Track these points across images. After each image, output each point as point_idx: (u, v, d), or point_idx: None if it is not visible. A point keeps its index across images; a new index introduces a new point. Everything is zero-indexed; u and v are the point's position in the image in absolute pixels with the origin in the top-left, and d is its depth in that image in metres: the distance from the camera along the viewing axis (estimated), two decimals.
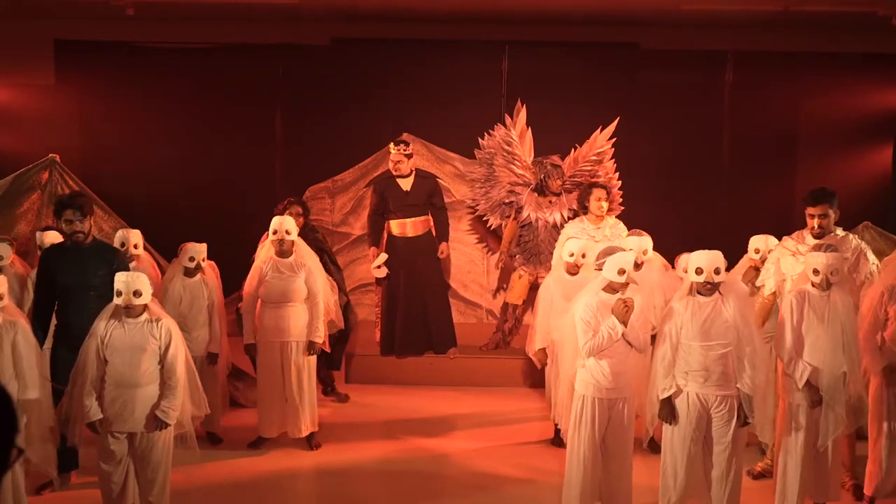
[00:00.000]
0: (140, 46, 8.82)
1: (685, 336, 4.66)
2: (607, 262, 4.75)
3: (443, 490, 5.52)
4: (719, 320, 4.62)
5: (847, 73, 8.75)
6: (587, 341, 4.66)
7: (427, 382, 7.47)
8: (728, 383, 4.64)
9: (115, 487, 4.70)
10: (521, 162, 7.74)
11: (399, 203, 7.47)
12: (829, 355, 4.76)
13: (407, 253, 7.50)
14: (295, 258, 6.04)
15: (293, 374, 5.99)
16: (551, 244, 7.48)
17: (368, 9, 8.40)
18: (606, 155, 7.65)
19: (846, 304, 4.80)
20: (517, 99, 7.95)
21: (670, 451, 4.77)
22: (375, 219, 7.62)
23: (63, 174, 7.64)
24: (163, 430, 4.66)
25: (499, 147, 7.80)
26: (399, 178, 7.46)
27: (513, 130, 7.77)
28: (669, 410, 4.72)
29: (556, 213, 7.46)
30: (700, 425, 4.69)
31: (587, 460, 4.76)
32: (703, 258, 4.66)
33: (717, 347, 4.61)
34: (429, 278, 7.60)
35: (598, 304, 4.72)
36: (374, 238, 7.62)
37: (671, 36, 8.71)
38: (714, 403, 4.67)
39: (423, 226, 7.59)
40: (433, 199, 7.60)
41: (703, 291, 4.67)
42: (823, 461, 4.92)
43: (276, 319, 6.00)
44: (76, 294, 5.15)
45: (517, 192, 7.68)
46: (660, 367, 4.72)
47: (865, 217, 7.29)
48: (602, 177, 7.58)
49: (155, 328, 4.61)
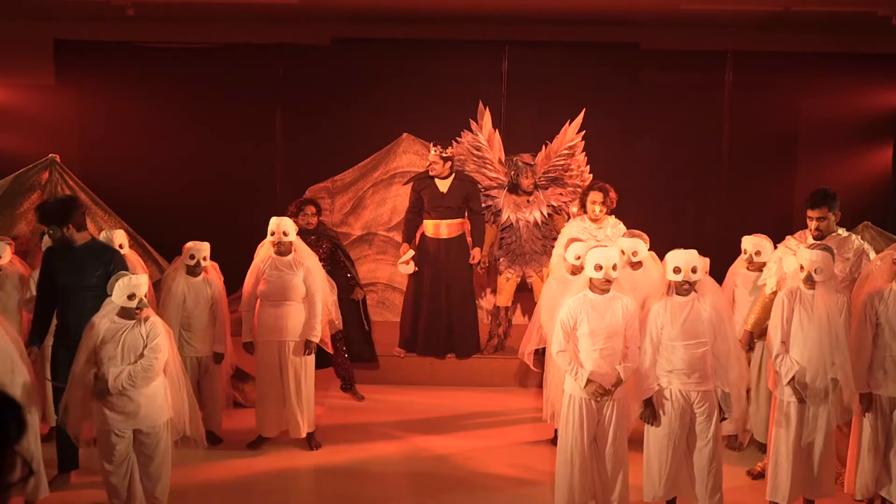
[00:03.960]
0: (140, 46, 8.82)
1: (667, 336, 4.71)
2: (587, 258, 4.78)
3: (442, 490, 5.52)
4: (698, 319, 4.68)
5: (847, 73, 8.75)
6: (559, 350, 4.77)
7: (427, 382, 7.48)
8: (708, 379, 4.71)
9: (120, 487, 4.71)
10: (492, 165, 7.74)
11: (434, 203, 7.41)
12: (815, 353, 4.78)
13: (437, 254, 7.45)
14: (293, 257, 6.05)
15: (290, 374, 6.00)
16: (535, 243, 7.50)
17: (368, 9, 8.40)
18: (577, 148, 7.67)
19: (833, 304, 4.80)
20: (517, 99, 7.96)
21: (655, 447, 4.81)
22: (411, 217, 7.57)
23: (63, 174, 7.64)
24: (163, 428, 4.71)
25: (468, 153, 7.79)
26: (438, 178, 7.44)
27: (480, 135, 7.75)
28: (650, 412, 4.77)
29: (535, 211, 7.48)
30: (684, 421, 4.75)
31: (575, 460, 4.78)
32: (681, 257, 4.70)
33: (698, 346, 4.67)
34: (456, 282, 7.50)
35: (583, 304, 4.75)
36: (407, 235, 7.56)
37: (671, 36, 8.72)
38: (696, 399, 4.72)
39: (457, 228, 7.52)
40: (471, 204, 7.49)
41: (681, 291, 4.72)
42: (813, 457, 4.93)
43: (274, 318, 6.00)
44: (74, 294, 5.15)
45: (493, 195, 7.69)
46: (641, 368, 4.76)
47: (865, 217, 7.28)
48: (575, 170, 7.61)
49: (143, 327, 4.64)
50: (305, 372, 6.06)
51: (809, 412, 4.85)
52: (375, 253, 8.64)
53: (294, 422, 6.02)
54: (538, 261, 7.53)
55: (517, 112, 7.96)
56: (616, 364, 4.74)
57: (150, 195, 8.63)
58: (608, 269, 4.71)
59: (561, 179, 7.68)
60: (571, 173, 7.66)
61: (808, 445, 4.89)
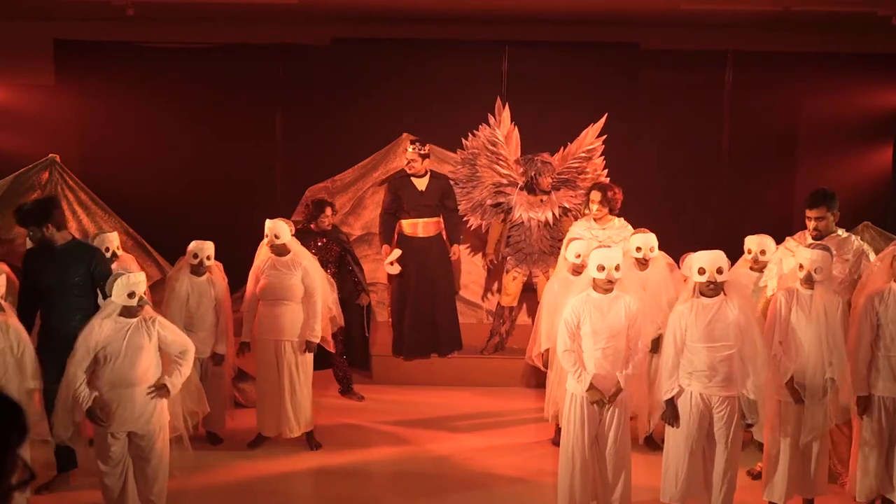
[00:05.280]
0: (140, 46, 8.82)
1: (690, 338, 4.66)
2: (590, 258, 4.77)
3: (443, 490, 5.52)
4: (724, 322, 4.62)
5: (847, 73, 8.74)
6: (565, 349, 4.75)
7: (427, 382, 7.48)
8: (731, 384, 4.65)
9: (114, 488, 4.71)
10: (507, 162, 7.73)
11: (414, 203, 7.44)
12: (813, 354, 4.77)
13: (418, 253, 7.47)
14: (292, 257, 6.05)
15: (285, 374, 6.00)
16: (544, 243, 7.49)
17: (368, 9, 8.41)
18: (596, 152, 7.65)
19: (830, 304, 4.78)
20: (517, 99, 7.95)
21: (673, 449, 4.78)
22: (387, 218, 7.59)
23: (63, 174, 7.64)
24: (160, 430, 4.70)
25: (483, 147, 7.78)
26: (414, 177, 7.44)
27: (498, 130, 7.75)
28: (672, 412, 4.73)
29: (547, 211, 7.46)
30: (703, 424, 4.71)
31: (576, 459, 4.78)
32: (705, 258, 4.66)
33: (722, 349, 4.61)
34: (438, 280, 7.57)
35: (586, 303, 4.74)
36: (385, 236, 7.59)
37: (671, 36, 8.72)
38: (716, 403, 4.68)
39: (434, 227, 7.57)
40: (445, 201, 7.57)
41: (707, 292, 4.66)
42: (809, 457, 4.93)
43: (273, 318, 6.01)
44: (57, 295, 5.15)
45: (506, 192, 7.67)
46: (664, 369, 4.73)
47: (865, 217, 7.28)
48: (591, 173, 7.60)
49: (151, 327, 4.64)
50: (301, 372, 6.05)
51: (806, 412, 4.84)
52: (375, 253, 8.61)
53: (287, 422, 6.01)
54: (546, 261, 7.51)
55: (517, 112, 7.95)
56: (618, 364, 4.73)
57: (150, 195, 8.62)
58: (611, 270, 4.70)
59: (573, 182, 7.63)
60: (586, 176, 7.60)
61: (805, 445, 4.88)
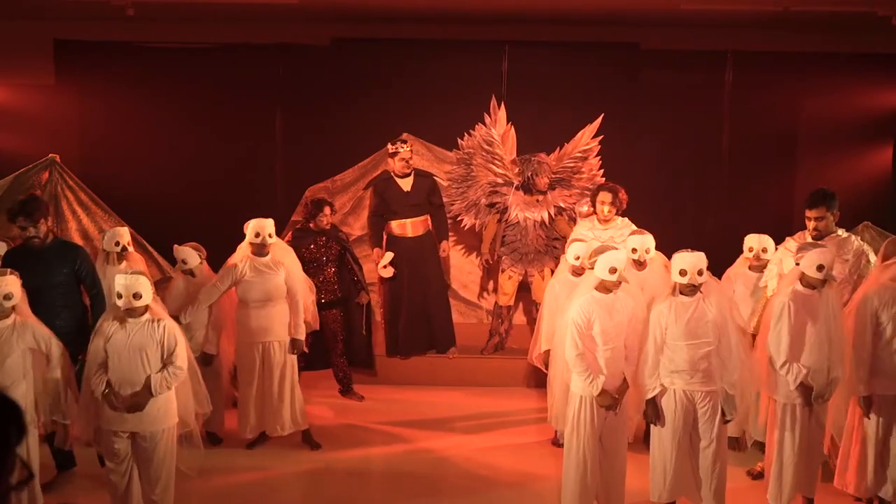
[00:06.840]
0: (140, 46, 8.81)
1: (671, 336, 4.71)
2: (598, 261, 4.78)
3: (442, 490, 5.52)
4: (703, 320, 4.67)
5: (847, 73, 8.73)
6: (578, 353, 4.72)
7: (427, 382, 7.49)
8: (711, 379, 4.70)
9: (119, 485, 4.73)
10: (502, 161, 7.73)
11: (401, 203, 7.47)
12: (821, 354, 4.77)
13: (409, 253, 7.50)
14: (272, 257, 6.04)
15: (275, 373, 6.00)
16: (540, 243, 7.49)
17: (368, 9, 8.40)
18: (592, 152, 7.65)
19: (833, 302, 4.81)
20: (517, 99, 7.95)
21: (659, 447, 4.81)
22: (375, 220, 7.63)
23: (63, 174, 7.64)
24: (163, 432, 4.69)
25: (478, 147, 7.79)
26: (399, 178, 7.46)
27: (493, 129, 7.75)
28: (654, 411, 4.76)
29: (543, 211, 7.47)
30: (687, 420, 4.75)
31: (587, 461, 4.78)
32: (688, 260, 4.69)
33: (702, 346, 4.67)
34: (430, 278, 7.62)
35: (592, 304, 4.74)
36: (375, 239, 7.63)
37: (671, 36, 8.71)
38: (699, 399, 4.72)
39: (423, 226, 7.61)
40: (431, 199, 7.63)
41: (686, 292, 4.71)
42: (813, 457, 4.94)
43: (258, 319, 5.99)
44: (42, 294, 5.18)
45: (502, 192, 7.67)
46: (645, 367, 4.75)
47: (865, 217, 7.29)
48: (586, 174, 7.59)
49: (156, 330, 4.63)
50: (291, 370, 6.05)
51: (812, 413, 4.85)
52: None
53: (276, 421, 6.01)
54: (541, 260, 7.53)
55: (517, 112, 7.95)
56: (621, 363, 4.76)
57: (150, 195, 8.61)
58: (622, 272, 4.74)
59: (567, 181, 7.65)
60: (581, 176, 7.62)
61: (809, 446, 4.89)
